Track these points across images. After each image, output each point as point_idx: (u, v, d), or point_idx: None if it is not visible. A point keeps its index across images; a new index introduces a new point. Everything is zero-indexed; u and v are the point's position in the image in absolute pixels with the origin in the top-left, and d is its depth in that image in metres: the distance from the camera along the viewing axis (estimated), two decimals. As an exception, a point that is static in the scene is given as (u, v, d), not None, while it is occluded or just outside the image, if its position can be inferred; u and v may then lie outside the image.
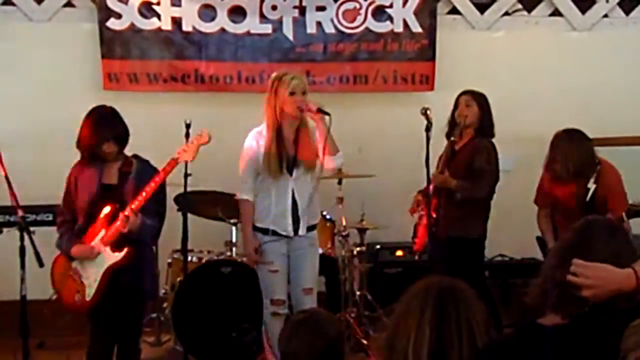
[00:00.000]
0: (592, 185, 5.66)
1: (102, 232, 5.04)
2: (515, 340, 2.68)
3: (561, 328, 2.58)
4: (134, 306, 5.18)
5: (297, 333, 3.32)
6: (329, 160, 5.51)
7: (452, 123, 6.20)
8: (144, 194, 4.97)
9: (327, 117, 5.40)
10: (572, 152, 5.78)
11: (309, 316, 3.46)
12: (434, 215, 5.94)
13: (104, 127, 5.09)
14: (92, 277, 5.07)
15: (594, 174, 5.75)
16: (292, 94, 5.41)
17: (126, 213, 4.94)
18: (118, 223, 4.97)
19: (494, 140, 6.22)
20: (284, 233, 5.55)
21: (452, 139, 6.16)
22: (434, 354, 2.43)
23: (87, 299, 5.07)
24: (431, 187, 5.93)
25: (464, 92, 6.24)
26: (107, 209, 5.04)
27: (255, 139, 5.55)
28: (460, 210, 6.00)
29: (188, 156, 5.24)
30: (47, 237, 5.30)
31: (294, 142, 5.54)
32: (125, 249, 5.02)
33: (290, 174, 5.51)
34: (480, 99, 6.19)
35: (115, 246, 5.03)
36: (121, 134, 5.16)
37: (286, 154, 5.50)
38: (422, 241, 6.18)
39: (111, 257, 5.04)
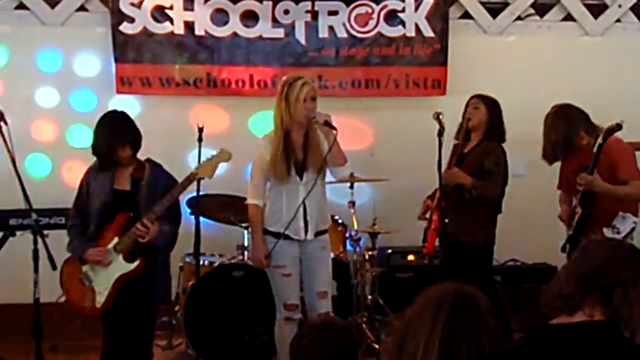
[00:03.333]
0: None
1: (116, 240, 5.05)
2: (529, 342, 2.69)
3: (578, 325, 2.60)
4: (147, 311, 5.18)
5: (310, 342, 3.32)
6: (337, 171, 5.57)
7: (461, 125, 6.20)
8: (160, 205, 4.98)
9: (333, 132, 5.38)
10: (553, 127, 5.73)
11: (324, 325, 3.46)
12: (445, 220, 5.94)
13: (120, 131, 5.11)
14: (103, 284, 5.07)
15: (589, 139, 5.60)
16: (302, 100, 5.39)
17: (145, 222, 4.95)
18: (133, 231, 4.97)
19: (504, 144, 6.20)
20: (296, 237, 5.52)
21: (455, 142, 6.15)
22: None
23: (98, 305, 5.07)
24: (437, 193, 5.93)
25: (474, 96, 6.24)
26: (120, 216, 5.05)
27: (266, 144, 5.53)
28: (468, 215, 5.99)
29: (207, 172, 5.22)
30: (60, 241, 5.31)
31: (302, 147, 5.52)
32: (139, 261, 5.02)
33: (301, 178, 5.50)
34: (489, 103, 6.18)
35: (129, 255, 5.04)
36: (135, 138, 5.17)
37: (295, 158, 5.48)
38: (431, 244, 6.17)
39: (124, 267, 5.05)
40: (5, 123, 5.13)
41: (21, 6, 7.46)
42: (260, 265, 5.53)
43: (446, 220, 5.78)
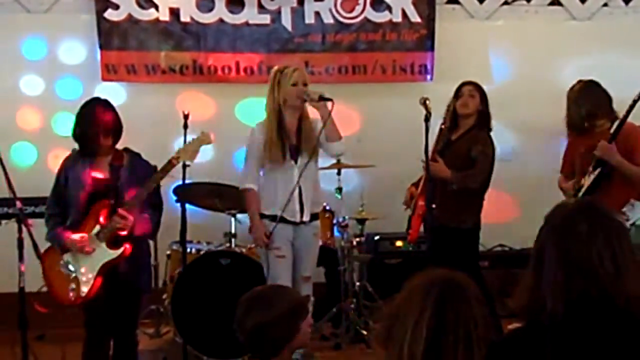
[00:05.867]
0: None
1: (97, 228, 4.99)
2: (521, 334, 2.68)
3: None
4: (131, 300, 5.14)
5: (246, 306, 3.36)
6: (332, 147, 5.61)
7: (454, 113, 6.15)
8: (142, 191, 4.94)
9: (329, 104, 5.45)
10: (583, 97, 5.67)
11: (256, 294, 3.49)
12: (432, 206, 5.95)
13: (102, 119, 5.06)
14: (86, 272, 4.99)
15: (607, 119, 5.57)
16: (294, 85, 5.50)
17: (122, 214, 4.92)
18: (113, 220, 4.94)
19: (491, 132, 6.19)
20: (292, 219, 5.60)
21: (441, 127, 6.11)
22: (429, 354, 2.41)
23: (82, 294, 4.99)
24: (423, 178, 5.93)
25: (467, 83, 6.20)
26: (101, 204, 5.01)
27: (260, 131, 5.61)
28: (454, 201, 5.98)
29: (189, 156, 5.19)
30: (45, 229, 5.27)
31: (296, 132, 5.61)
32: (123, 247, 4.97)
33: (295, 161, 5.58)
34: (481, 91, 6.16)
35: (112, 243, 5.01)
36: (117, 127, 5.13)
37: (289, 142, 5.57)
38: (416, 231, 6.17)
39: (108, 255, 4.99)
40: None
41: (4, -7, 7.41)
42: (262, 244, 5.57)
43: (433, 206, 5.77)
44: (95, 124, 5.02)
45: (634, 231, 6.67)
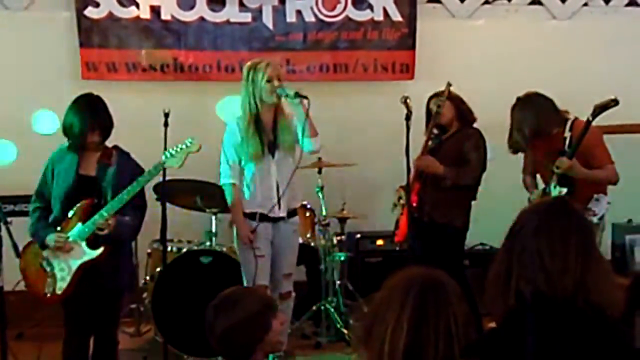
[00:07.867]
0: (568, 134, 5.57)
1: (79, 226, 4.99)
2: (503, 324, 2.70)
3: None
4: (112, 300, 5.13)
5: (214, 311, 3.41)
6: (308, 143, 5.59)
7: (437, 126, 6.17)
8: (124, 195, 4.92)
9: (305, 101, 5.44)
10: (524, 117, 5.72)
11: (229, 293, 3.53)
12: (416, 200, 5.96)
13: (92, 116, 5.05)
14: (65, 270, 5.00)
15: (558, 127, 5.63)
16: (268, 81, 5.49)
17: (104, 215, 4.90)
18: (95, 219, 4.92)
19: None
20: (271, 215, 5.61)
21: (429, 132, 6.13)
22: (410, 349, 2.42)
23: (59, 292, 5.00)
24: (412, 172, 5.93)
25: (431, 97, 6.20)
26: (84, 202, 4.99)
27: (237, 127, 5.63)
28: (445, 196, 6.01)
29: (175, 162, 5.18)
30: (24, 228, 5.24)
31: (272, 128, 5.62)
32: (102, 247, 4.97)
33: (273, 156, 5.60)
34: (448, 94, 6.15)
35: (93, 242, 4.98)
36: (107, 124, 5.12)
37: (266, 137, 5.58)
38: (403, 232, 6.18)
39: (87, 254, 4.99)
40: None
41: (-17, -10, 7.35)
42: (247, 241, 5.58)
43: (416, 199, 5.81)
44: (85, 119, 5.01)
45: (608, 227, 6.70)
